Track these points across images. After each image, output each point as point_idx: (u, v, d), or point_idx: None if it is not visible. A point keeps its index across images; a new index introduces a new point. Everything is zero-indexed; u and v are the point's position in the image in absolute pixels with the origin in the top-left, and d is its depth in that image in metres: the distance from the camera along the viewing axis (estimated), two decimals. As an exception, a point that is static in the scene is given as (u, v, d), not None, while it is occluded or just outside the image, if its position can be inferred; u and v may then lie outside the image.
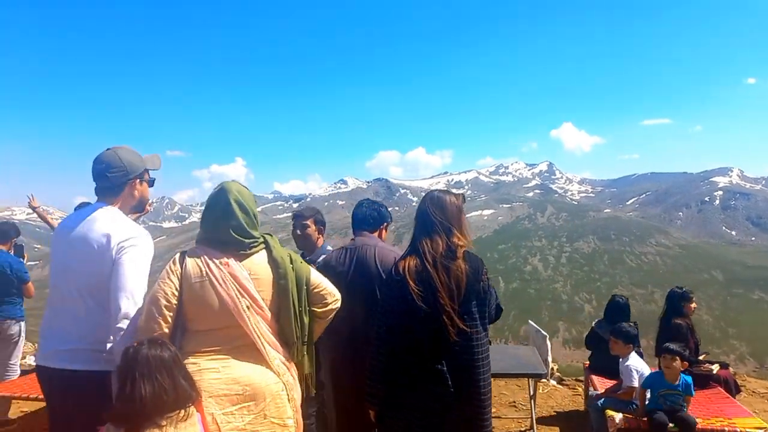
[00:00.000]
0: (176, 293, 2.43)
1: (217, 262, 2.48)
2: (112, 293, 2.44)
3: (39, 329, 2.75)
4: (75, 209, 6.90)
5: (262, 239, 2.63)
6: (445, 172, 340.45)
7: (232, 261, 2.50)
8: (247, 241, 2.55)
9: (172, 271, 2.47)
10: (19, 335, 5.50)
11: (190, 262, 2.49)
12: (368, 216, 3.71)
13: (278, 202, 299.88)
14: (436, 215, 2.81)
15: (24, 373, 5.76)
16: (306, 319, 2.62)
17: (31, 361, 7.87)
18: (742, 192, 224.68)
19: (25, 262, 5.72)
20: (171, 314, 2.41)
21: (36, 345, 9.50)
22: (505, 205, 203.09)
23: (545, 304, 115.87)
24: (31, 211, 5.93)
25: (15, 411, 5.41)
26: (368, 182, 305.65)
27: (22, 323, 5.52)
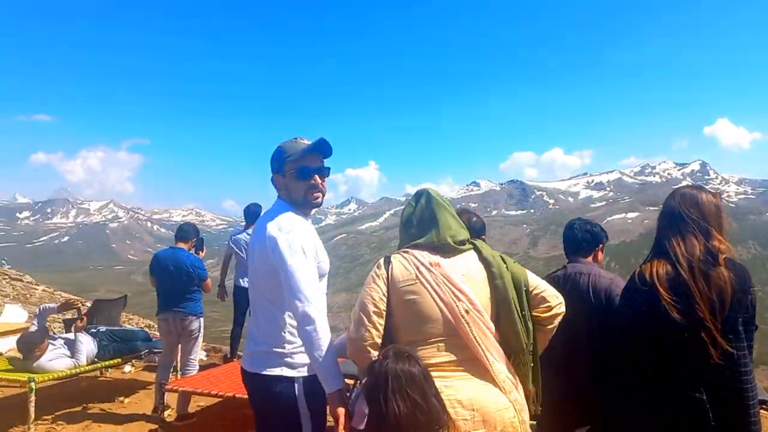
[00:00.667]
0: (384, 298, 2.18)
1: (426, 263, 2.21)
2: (286, 295, 2.24)
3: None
4: (245, 212, 7.11)
5: (470, 240, 2.35)
6: (585, 173, 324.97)
7: (443, 261, 2.23)
8: (457, 241, 2.30)
9: (378, 276, 2.23)
10: (199, 331, 5.64)
11: (397, 265, 2.24)
12: (581, 240, 3.27)
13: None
14: (690, 213, 2.32)
15: (201, 368, 5.97)
16: (530, 324, 2.24)
17: (202, 356, 8.22)
18: None
19: (202, 257, 5.92)
20: (381, 321, 2.16)
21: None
22: (651, 208, 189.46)
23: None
24: (186, 212, 6.18)
25: (192, 406, 5.56)
26: (502, 184, 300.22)
27: (202, 319, 5.67)
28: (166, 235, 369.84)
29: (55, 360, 5.47)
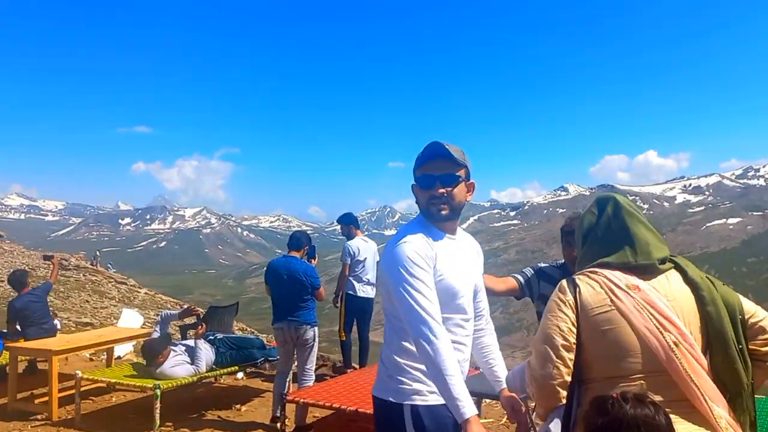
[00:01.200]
0: (573, 329, 1.85)
1: (623, 285, 1.86)
2: (401, 314, 2.02)
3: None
4: (340, 221, 7.11)
5: (671, 258, 1.98)
6: (682, 177, 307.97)
7: (642, 283, 1.87)
8: (657, 260, 1.93)
9: (563, 302, 1.89)
10: (314, 340, 5.54)
11: (586, 288, 1.89)
12: None
13: (495, 211, 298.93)
14: None
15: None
16: (748, 361, 1.85)
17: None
18: None
19: (315, 265, 5.83)
20: (571, 356, 1.84)
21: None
22: (755, 213, 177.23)
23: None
24: (273, 219, 6.15)
25: (308, 416, 5.45)
26: (591, 189, 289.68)
27: (317, 328, 5.56)
28: (255, 241, 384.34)
29: (177, 366, 5.53)
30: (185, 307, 6.71)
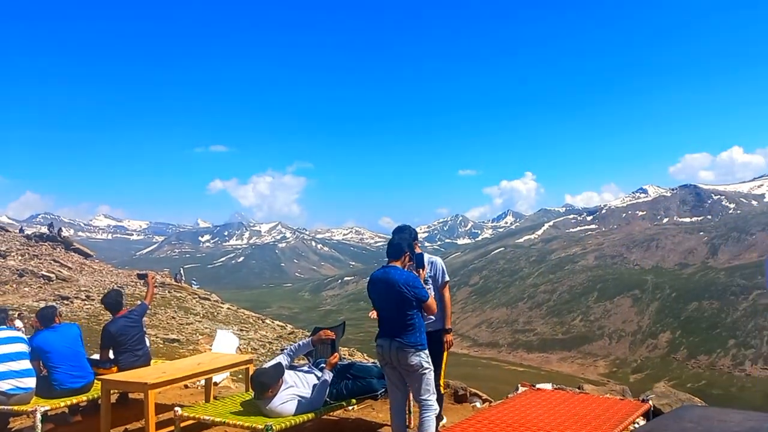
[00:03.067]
0: None
1: None
2: None
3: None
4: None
5: None
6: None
7: None
8: None
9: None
10: (423, 367, 4.63)
11: None
12: None
13: (571, 216, 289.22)
14: None
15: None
16: None
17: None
18: None
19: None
20: None
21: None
22: None
23: None
24: (347, 231, 5.22)
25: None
26: (672, 189, 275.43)
27: (424, 351, 4.66)
28: (329, 254, 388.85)
29: (289, 402, 4.76)
30: (319, 335, 5.48)
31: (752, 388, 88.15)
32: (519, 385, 6.90)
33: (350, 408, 6.37)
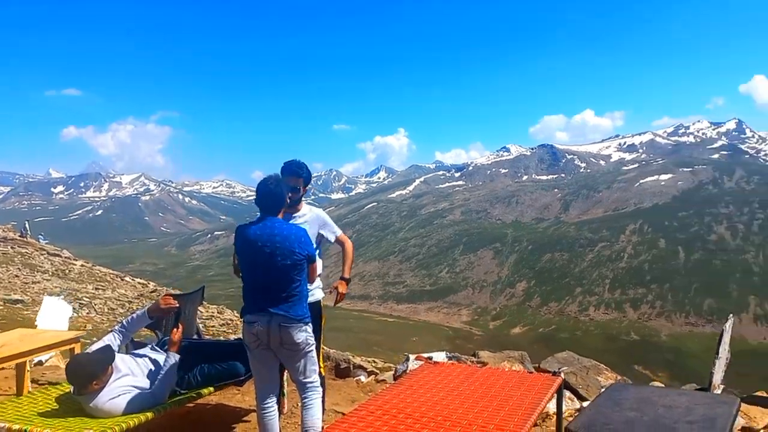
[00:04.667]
0: None
1: None
2: None
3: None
4: None
5: None
6: (617, 135, 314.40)
7: None
8: None
9: None
10: (308, 343, 3.73)
11: None
12: None
13: (440, 172, 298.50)
14: None
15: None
16: None
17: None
18: None
19: None
20: None
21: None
22: (685, 169, 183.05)
23: (733, 277, 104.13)
24: (216, 184, 4.24)
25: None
26: (532, 149, 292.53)
27: (309, 326, 3.76)
28: (198, 207, 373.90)
29: (121, 397, 3.61)
30: (158, 301, 4.20)
31: (594, 331, 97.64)
32: (411, 356, 6.19)
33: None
